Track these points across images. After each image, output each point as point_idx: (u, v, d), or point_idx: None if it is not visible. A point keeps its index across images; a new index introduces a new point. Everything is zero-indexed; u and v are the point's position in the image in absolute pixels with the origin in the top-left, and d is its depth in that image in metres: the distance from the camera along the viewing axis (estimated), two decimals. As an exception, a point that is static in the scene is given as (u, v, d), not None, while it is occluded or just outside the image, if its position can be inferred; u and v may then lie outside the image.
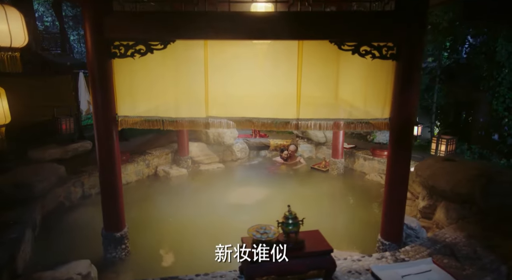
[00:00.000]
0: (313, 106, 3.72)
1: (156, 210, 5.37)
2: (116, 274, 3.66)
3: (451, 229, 3.91)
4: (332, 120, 3.74)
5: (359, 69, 3.62)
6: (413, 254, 3.38)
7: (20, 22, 3.02)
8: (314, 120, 3.74)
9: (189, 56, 3.65)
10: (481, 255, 3.36)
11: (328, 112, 3.73)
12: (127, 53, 3.49)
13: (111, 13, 3.41)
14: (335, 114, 3.74)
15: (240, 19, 3.35)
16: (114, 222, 3.83)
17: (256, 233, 2.73)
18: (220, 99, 3.74)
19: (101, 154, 3.72)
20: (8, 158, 6.23)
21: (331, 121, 3.74)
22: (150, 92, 3.76)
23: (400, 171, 3.70)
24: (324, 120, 3.73)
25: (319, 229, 3.08)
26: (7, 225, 3.93)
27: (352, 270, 3.10)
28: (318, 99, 3.72)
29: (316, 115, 3.73)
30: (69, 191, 5.46)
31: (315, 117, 3.73)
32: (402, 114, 3.54)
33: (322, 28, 3.35)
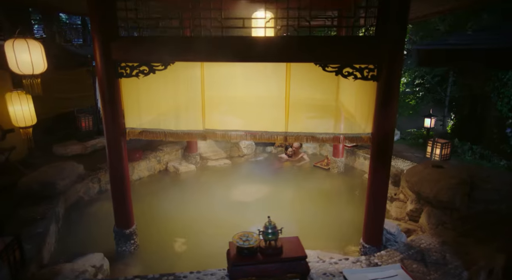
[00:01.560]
0: (300, 121, 4.04)
1: (164, 205, 5.90)
2: (125, 266, 4.22)
3: (428, 235, 4.22)
4: (318, 134, 4.05)
5: (343, 87, 3.89)
6: (386, 259, 3.74)
7: (40, 52, 3.48)
8: (301, 133, 4.07)
9: (187, 75, 4.02)
10: (449, 261, 3.68)
11: (315, 127, 4.05)
12: (132, 73, 3.89)
13: (118, 38, 3.81)
14: (321, 129, 4.05)
15: (232, 43, 3.68)
16: (124, 221, 4.37)
17: (239, 241, 3.16)
18: (215, 114, 4.12)
19: (112, 162, 4.21)
20: (36, 155, 6.94)
21: (318, 135, 4.06)
22: (153, 107, 4.18)
23: (380, 181, 4.00)
24: (310, 134, 4.05)
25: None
26: (35, 220, 4.55)
27: (327, 273, 3.49)
28: (305, 114, 4.03)
29: (303, 129, 4.06)
30: (87, 187, 6.07)
31: (302, 131, 4.06)
32: (382, 129, 3.81)
33: (307, 51, 3.62)
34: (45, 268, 3.78)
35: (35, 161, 6.72)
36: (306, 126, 4.06)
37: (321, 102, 4.01)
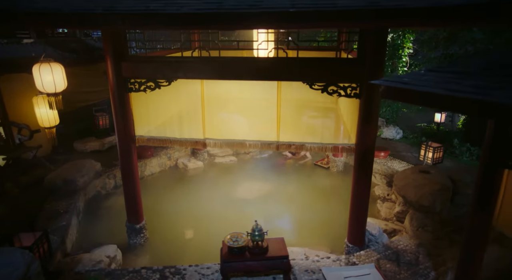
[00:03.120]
0: (290, 131, 4.45)
1: (173, 199, 6.48)
2: (136, 256, 4.83)
3: (407, 237, 4.61)
4: (307, 144, 4.45)
5: (329, 102, 4.25)
6: (364, 258, 4.17)
7: (61, 72, 4.01)
8: (291, 143, 4.48)
9: (189, 90, 4.48)
10: (421, 261, 4.08)
11: (304, 137, 4.45)
12: (140, 88, 4.38)
13: (127, 58, 4.28)
14: (309, 139, 4.44)
15: (228, 63, 4.09)
16: (135, 217, 4.95)
17: (230, 241, 3.66)
18: (214, 124, 4.58)
19: (123, 166, 4.77)
20: (59, 151, 7.62)
21: (307, 144, 4.46)
22: (160, 117, 4.67)
23: (362, 187, 4.38)
24: (300, 143, 4.45)
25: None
26: (59, 214, 5.20)
27: (309, 270, 3.97)
28: (295, 126, 4.43)
29: (293, 139, 4.47)
30: (104, 182, 6.71)
31: (292, 141, 4.47)
32: (364, 141, 4.18)
33: (296, 71, 3.99)
34: (68, 257, 4.42)
35: (58, 157, 7.43)
36: (295, 136, 4.46)
37: (309, 115, 4.39)
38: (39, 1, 3.18)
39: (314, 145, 4.45)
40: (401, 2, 2.66)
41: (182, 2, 3.00)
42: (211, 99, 4.47)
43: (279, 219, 6.02)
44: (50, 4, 3.09)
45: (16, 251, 2.88)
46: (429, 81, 2.55)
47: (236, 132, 4.57)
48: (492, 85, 2.20)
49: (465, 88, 2.26)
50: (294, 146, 4.49)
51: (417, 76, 2.71)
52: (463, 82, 2.37)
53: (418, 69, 11.06)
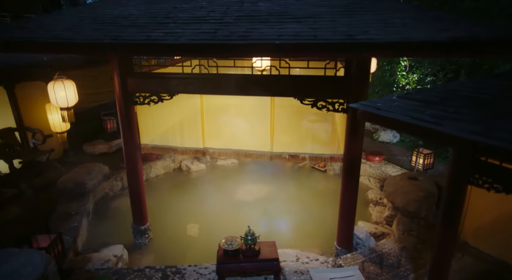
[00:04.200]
0: (283, 142, 4.78)
1: (176, 201, 6.87)
2: (141, 255, 5.23)
3: (392, 241, 4.93)
4: (298, 154, 4.78)
5: (319, 116, 4.57)
6: (350, 261, 4.51)
7: (73, 88, 4.39)
8: (284, 153, 4.82)
9: (190, 102, 4.83)
10: (402, 264, 4.40)
11: (296, 147, 4.78)
12: (144, 101, 4.74)
13: (132, 74, 4.65)
14: (301, 149, 4.77)
15: (225, 80, 4.42)
16: (140, 219, 5.35)
17: (225, 244, 4.03)
18: (213, 135, 4.94)
19: (129, 172, 5.15)
20: (70, 154, 8.07)
21: (298, 154, 4.79)
22: (163, 127, 5.04)
23: (349, 193, 4.70)
24: (292, 153, 4.79)
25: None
26: (70, 215, 5.63)
27: (298, 271, 4.32)
28: (286, 137, 4.76)
29: (286, 149, 4.80)
30: (112, 184, 7.13)
31: (285, 151, 4.81)
32: (351, 152, 4.49)
33: (287, 88, 4.31)
34: (79, 256, 4.84)
35: (69, 159, 7.88)
36: (288, 147, 4.79)
37: (301, 127, 4.71)
38: (54, 29, 3.55)
39: (306, 155, 4.78)
40: (373, 36, 2.97)
41: (180, 32, 3.34)
42: (210, 111, 4.82)
43: (275, 221, 6.38)
44: (64, 33, 3.45)
45: (35, 252, 3.29)
46: (398, 108, 2.86)
47: (234, 142, 4.92)
48: (447, 115, 2.51)
49: (426, 117, 2.57)
50: (287, 156, 4.83)
51: (389, 102, 3.02)
52: (425, 110, 2.68)
53: (419, 72, 11.24)
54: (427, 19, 3.20)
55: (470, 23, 3.03)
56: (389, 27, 3.10)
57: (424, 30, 2.98)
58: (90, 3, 4.32)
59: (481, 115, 2.39)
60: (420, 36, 2.88)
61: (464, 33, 2.84)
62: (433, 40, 2.80)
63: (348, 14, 3.41)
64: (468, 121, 2.36)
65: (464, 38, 2.79)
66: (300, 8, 3.65)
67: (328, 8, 3.59)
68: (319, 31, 3.15)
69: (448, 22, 3.07)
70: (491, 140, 2.12)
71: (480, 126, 2.28)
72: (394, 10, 3.43)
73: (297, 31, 3.19)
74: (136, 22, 3.64)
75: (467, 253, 3.55)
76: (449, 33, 2.87)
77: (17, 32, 3.49)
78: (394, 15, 3.31)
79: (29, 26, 3.63)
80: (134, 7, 4.03)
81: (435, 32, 2.91)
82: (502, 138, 2.09)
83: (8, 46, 3.40)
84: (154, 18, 3.71)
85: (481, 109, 2.46)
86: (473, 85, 2.82)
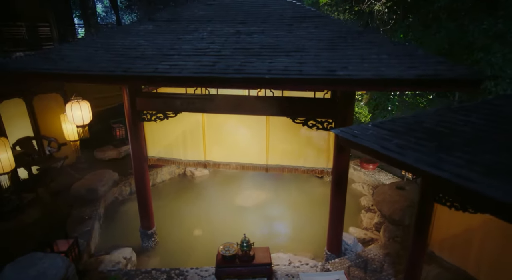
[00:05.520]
0: (278, 156, 5.23)
1: (181, 205, 7.36)
2: (148, 257, 5.73)
3: (377, 247, 5.35)
4: (291, 167, 5.23)
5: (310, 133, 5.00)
6: (337, 266, 4.95)
7: (87, 108, 4.88)
8: (278, 165, 5.26)
9: (192, 120, 5.30)
10: (385, 269, 4.83)
11: (289, 161, 5.22)
12: (151, 118, 5.22)
13: (141, 94, 5.12)
14: (294, 162, 5.21)
15: (224, 100, 4.87)
16: (147, 224, 5.85)
17: (223, 250, 4.50)
18: (213, 149, 5.40)
19: (137, 180, 5.65)
20: (81, 160, 8.61)
21: (291, 167, 5.23)
22: (168, 141, 5.51)
23: (338, 203, 5.12)
24: (286, 166, 5.23)
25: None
26: (84, 220, 6.15)
27: (289, 274, 4.77)
28: (280, 151, 5.20)
29: (281, 162, 5.25)
30: (121, 189, 7.65)
31: (280, 164, 5.26)
32: (339, 166, 4.91)
33: (281, 108, 4.74)
34: (92, 258, 5.35)
35: (81, 165, 8.42)
36: (282, 160, 5.24)
37: (293, 142, 5.14)
38: (74, 60, 4.04)
39: (298, 167, 5.22)
40: (351, 72, 3.39)
41: (182, 65, 3.80)
42: (211, 127, 5.28)
43: (272, 226, 6.83)
44: (82, 64, 3.94)
45: (58, 256, 3.79)
46: (371, 136, 3.29)
47: (232, 156, 5.38)
48: (409, 145, 2.93)
49: (392, 146, 3.00)
50: (281, 169, 5.27)
51: (364, 130, 3.44)
52: (393, 140, 3.10)
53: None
54: (400, 55, 3.61)
55: (437, 60, 3.43)
56: (366, 63, 3.53)
57: (396, 67, 3.40)
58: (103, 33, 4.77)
59: (435, 147, 2.80)
60: (391, 73, 3.30)
61: (429, 71, 3.26)
62: (401, 77, 3.23)
63: (332, 49, 3.84)
64: (425, 153, 2.79)
65: (428, 76, 3.21)
66: (290, 41, 4.09)
67: (315, 41, 4.02)
68: (305, 65, 3.59)
69: (417, 59, 3.48)
70: (439, 171, 2.55)
71: (433, 158, 2.70)
72: (372, 45, 3.84)
73: (285, 65, 3.63)
74: (144, 53, 4.11)
75: (434, 262, 3.95)
76: (416, 71, 3.30)
77: (42, 64, 3.98)
78: (372, 50, 3.73)
79: (51, 57, 4.12)
80: (142, 37, 4.50)
81: (404, 69, 3.34)
82: (447, 170, 2.51)
83: (35, 76, 3.90)
84: (160, 49, 4.18)
85: (437, 141, 2.87)
86: (436, 117, 3.22)
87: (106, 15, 25.77)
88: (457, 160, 2.59)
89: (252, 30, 4.42)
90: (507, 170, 2.34)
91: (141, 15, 20.70)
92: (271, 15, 4.78)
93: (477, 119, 2.93)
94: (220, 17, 4.86)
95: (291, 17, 4.64)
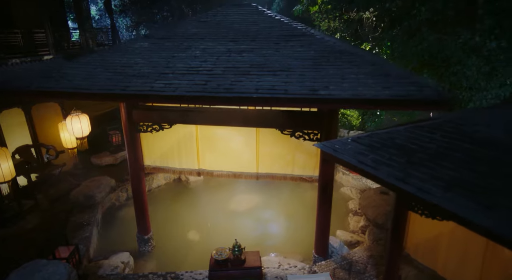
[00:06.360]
0: (268, 165, 5.53)
1: (176, 209, 7.63)
2: (145, 261, 6.00)
3: (362, 249, 5.68)
4: (280, 174, 5.54)
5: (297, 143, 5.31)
6: (323, 268, 5.27)
7: (87, 121, 5.14)
8: (268, 174, 5.57)
9: (186, 131, 5.58)
10: (368, 270, 5.16)
11: (278, 169, 5.53)
12: (147, 129, 5.49)
13: (137, 106, 5.39)
14: (282, 171, 5.52)
15: (215, 113, 5.16)
16: (144, 230, 6.12)
17: (216, 254, 4.80)
18: (207, 158, 5.69)
19: (134, 188, 5.91)
20: (79, 166, 8.84)
21: (280, 175, 5.54)
22: (163, 151, 5.79)
23: (324, 209, 5.42)
24: (274, 174, 5.54)
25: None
26: (83, 226, 6.40)
27: (279, 276, 5.08)
28: (270, 160, 5.51)
29: (270, 170, 5.56)
30: (118, 195, 7.91)
31: (269, 172, 5.56)
32: (324, 174, 5.23)
33: (269, 120, 5.04)
34: (91, 263, 5.61)
35: (78, 171, 8.65)
36: (271, 168, 5.55)
37: (282, 152, 5.45)
38: (74, 79, 4.30)
39: (287, 175, 5.54)
40: (332, 91, 3.71)
41: (177, 83, 4.09)
42: (204, 137, 5.57)
43: (264, 230, 7.13)
44: (82, 82, 4.21)
45: (60, 263, 4.06)
46: (349, 151, 3.61)
47: (225, 164, 5.68)
48: (383, 161, 3.25)
49: (368, 161, 3.32)
50: (271, 177, 5.58)
51: (344, 144, 3.76)
52: (369, 155, 3.42)
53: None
54: (377, 75, 3.93)
55: (409, 81, 3.75)
56: (346, 82, 3.85)
57: (372, 87, 3.72)
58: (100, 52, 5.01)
59: (405, 163, 3.13)
60: (367, 93, 3.63)
61: (402, 92, 3.59)
62: (376, 98, 3.55)
63: (315, 68, 4.15)
64: (396, 168, 3.11)
65: (400, 96, 3.54)
66: (277, 60, 4.39)
67: (300, 61, 4.33)
68: (290, 85, 3.90)
69: (392, 79, 3.81)
70: (406, 186, 2.87)
71: (402, 172, 3.03)
72: (352, 64, 4.16)
73: (272, 84, 3.94)
74: (141, 71, 4.39)
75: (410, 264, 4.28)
76: (390, 91, 3.63)
77: (44, 82, 4.24)
78: (352, 70, 4.05)
79: (53, 75, 4.38)
80: (138, 55, 4.77)
81: (379, 89, 3.66)
82: (413, 184, 2.84)
83: (38, 94, 4.16)
84: (156, 67, 4.46)
85: (406, 157, 3.20)
86: (406, 133, 3.55)
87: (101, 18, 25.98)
88: (422, 175, 2.91)
89: (242, 48, 4.71)
90: (462, 185, 2.66)
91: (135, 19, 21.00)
92: (260, 33, 5.08)
93: (441, 137, 3.26)
94: (212, 35, 5.15)
95: (278, 35, 4.95)
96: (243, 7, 5.93)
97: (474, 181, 2.67)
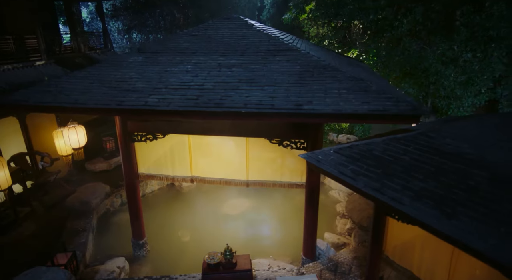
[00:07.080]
0: (257, 172, 5.79)
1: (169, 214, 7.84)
2: (140, 266, 6.21)
3: (347, 251, 5.98)
4: (269, 182, 5.80)
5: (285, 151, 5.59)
6: (311, 269, 5.55)
7: (83, 132, 5.34)
8: (258, 181, 5.83)
9: (179, 140, 5.81)
10: (352, 271, 5.45)
11: (267, 176, 5.79)
12: (142, 139, 5.71)
13: (132, 118, 5.61)
14: (271, 178, 5.79)
15: (207, 123, 5.41)
16: (138, 235, 6.33)
17: (208, 258, 5.04)
18: (199, 165, 5.93)
19: (129, 195, 6.12)
20: (73, 173, 8.99)
21: (269, 182, 5.81)
22: (157, 159, 6.01)
23: (311, 213, 5.71)
24: (264, 181, 5.80)
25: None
26: (79, 232, 6.58)
27: (268, 278, 5.34)
28: (259, 168, 5.77)
29: (260, 177, 5.82)
30: (113, 201, 8.09)
31: (258, 179, 5.83)
32: (311, 181, 5.52)
33: (258, 130, 5.30)
34: (88, 268, 5.81)
35: (73, 178, 8.80)
36: (261, 175, 5.81)
37: (271, 160, 5.72)
38: (72, 93, 4.51)
39: (275, 182, 5.81)
40: (315, 106, 3.99)
41: (170, 98, 4.33)
42: (196, 146, 5.81)
43: (255, 233, 7.40)
44: (80, 97, 4.42)
45: (59, 270, 4.26)
46: (331, 161, 3.89)
47: (216, 172, 5.92)
48: (361, 171, 3.54)
49: (348, 172, 3.60)
50: (260, 184, 5.85)
51: (327, 155, 4.04)
52: (349, 165, 3.71)
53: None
54: (357, 90, 4.22)
55: (386, 96, 4.05)
56: (328, 97, 4.13)
57: (352, 102, 4.01)
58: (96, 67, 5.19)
59: (381, 174, 3.42)
60: (348, 108, 3.91)
61: (379, 106, 3.89)
62: (356, 112, 3.84)
63: (300, 83, 4.42)
64: (373, 178, 3.40)
65: (378, 111, 3.83)
66: (264, 75, 4.66)
67: (286, 76, 4.60)
68: (276, 100, 4.17)
69: (371, 95, 4.10)
70: (380, 195, 3.16)
71: (378, 183, 3.32)
72: (334, 79, 4.45)
73: (260, 99, 4.21)
74: (135, 86, 4.62)
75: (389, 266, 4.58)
76: (369, 106, 3.92)
77: (43, 97, 4.44)
78: (334, 85, 4.34)
79: (51, 90, 4.58)
80: (133, 70, 5.00)
81: (359, 104, 3.95)
82: (386, 194, 3.13)
83: (36, 108, 4.36)
84: (149, 82, 4.69)
85: (382, 168, 3.49)
86: (383, 145, 3.84)
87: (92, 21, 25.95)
88: (395, 186, 3.21)
89: (231, 63, 4.97)
90: (429, 195, 2.96)
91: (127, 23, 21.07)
92: (248, 47, 5.35)
93: (414, 149, 3.56)
94: (204, 49, 5.40)
95: (266, 50, 5.22)
96: (233, 21, 6.19)
97: (439, 192, 2.97)
